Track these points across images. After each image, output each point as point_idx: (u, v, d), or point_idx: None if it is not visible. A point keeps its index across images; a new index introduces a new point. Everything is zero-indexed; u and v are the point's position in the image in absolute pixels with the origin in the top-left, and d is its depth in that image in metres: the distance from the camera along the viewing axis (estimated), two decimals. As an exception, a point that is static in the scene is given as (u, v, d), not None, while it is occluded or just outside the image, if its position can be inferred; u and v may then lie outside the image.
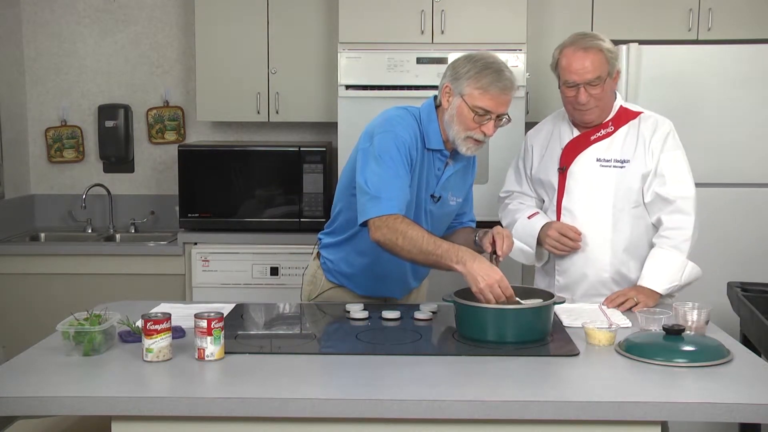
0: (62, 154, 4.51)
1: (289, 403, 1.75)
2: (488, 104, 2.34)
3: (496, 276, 2.17)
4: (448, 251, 2.23)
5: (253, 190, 4.01)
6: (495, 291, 2.17)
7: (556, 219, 2.67)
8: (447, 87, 2.40)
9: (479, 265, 2.19)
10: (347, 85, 3.80)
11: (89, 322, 2.03)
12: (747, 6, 3.97)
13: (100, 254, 4.00)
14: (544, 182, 2.72)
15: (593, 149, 2.63)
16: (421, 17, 3.80)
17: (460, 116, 2.36)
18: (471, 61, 2.37)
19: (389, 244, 2.27)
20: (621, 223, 2.61)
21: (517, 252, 2.74)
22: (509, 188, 2.87)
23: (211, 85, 4.12)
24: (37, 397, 1.77)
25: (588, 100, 2.54)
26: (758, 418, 1.75)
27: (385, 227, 2.26)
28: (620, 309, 2.47)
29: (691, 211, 2.56)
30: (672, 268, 2.53)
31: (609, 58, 2.54)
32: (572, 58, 2.54)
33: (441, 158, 2.48)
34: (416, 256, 2.27)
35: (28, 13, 4.45)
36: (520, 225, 2.73)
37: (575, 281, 2.66)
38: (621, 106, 2.65)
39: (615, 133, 2.62)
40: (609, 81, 2.56)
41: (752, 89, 3.60)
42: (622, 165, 2.59)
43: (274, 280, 3.89)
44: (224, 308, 2.42)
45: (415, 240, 2.24)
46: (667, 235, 2.55)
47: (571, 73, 2.54)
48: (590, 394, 1.78)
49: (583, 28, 4.01)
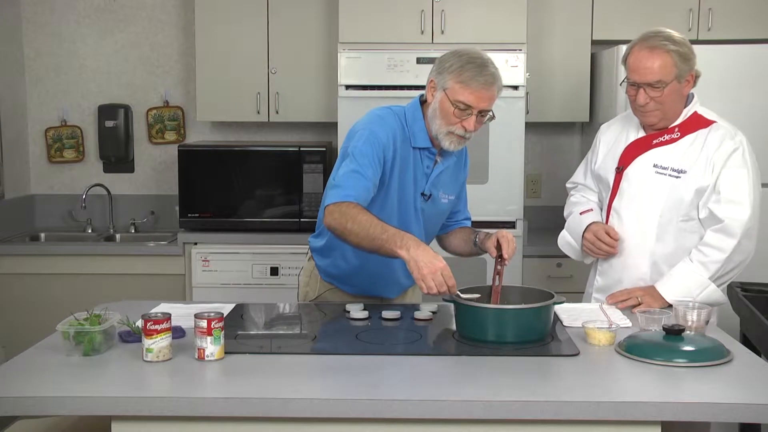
0: (62, 154, 4.51)
1: (289, 403, 1.75)
2: (468, 98, 2.32)
3: (440, 264, 2.13)
4: (394, 236, 2.19)
5: (253, 190, 4.01)
6: (437, 279, 2.12)
7: (605, 218, 2.62)
8: (432, 81, 2.40)
9: (423, 252, 2.15)
10: (347, 85, 3.80)
11: (89, 322, 2.02)
12: (747, 6, 3.98)
13: (100, 254, 4.00)
14: (603, 179, 2.66)
15: (653, 153, 2.53)
16: (421, 17, 3.80)
17: (442, 110, 2.36)
18: (456, 55, 2.37)
19: (339, 228, 2.25)
20: (666, 234, 2.52)
21: (565, 245, 2.74)
22: (576, 180, 2.83)
23: (211, 85, 4.12)
24: (37, 397, 1.77)
25: (647, 102, 2.44)
26: (758, 418, 1.75)
27: (337, 212, 2.26)
28: (621, 306, 2.46)
29: (738, 234, 2.41)
30: (691, 283, 2.44)
31: (677, 61, 2.42)
32: (638, 56, 2.44)
33: (429, 156, 2.48)
34: (362, 241, 2.23)
35: (28, 13, 4.45)
36: (572, 219, 2.71)
37: (611, 284, 2.61)
38: (695, 111, 2.53)
39: (680, 140, 2.50)
40: (675, 84, 2.43)
41: (752, 89, 3.60)
42: (678, 175, 2.48)
43: (274, 280, 3.89)
44: (224, 308, 2.42)
45: (363, 224, 2.21)
46: (702, 251, 2.45)
47: (633, 72, 2.45)
48: (590, 394, 1.78)
49: (583, 28, 4.03)
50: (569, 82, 4.09)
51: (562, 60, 4.09)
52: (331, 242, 2.54)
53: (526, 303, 2.18)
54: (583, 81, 4.08)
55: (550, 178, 4.45)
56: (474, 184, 3.79)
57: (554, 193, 4.34)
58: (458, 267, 3.82)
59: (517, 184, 3.81)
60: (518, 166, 3.81)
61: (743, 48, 3.65)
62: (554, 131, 4.46)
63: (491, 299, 2.28)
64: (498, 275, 2.33)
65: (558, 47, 4.07)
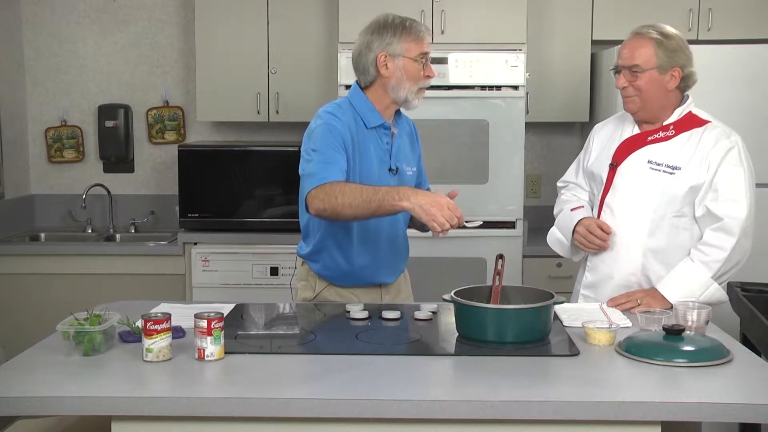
0: (62, 154, 4.51)
1: (289, 403, 1.75)
2: (424, 47, 2.52)
3: (443, 200, 2.24)
4: (389, 192, 2.28)
5: (253, 190, 4.01)
6: (446, 214, 2.21)
7: (597, 214, 2.63)
8: (382, 56, 2.50)
9: (423, 195, 2.25)
10: (347, 85, 3.79)
11: (89, 322, 2.02)
12: (747, 6, 3.98)
13: (100, 254, 4.00)
14: (596, 175, 2.67)
15: (647, 150, 2.55)
16: (421, 17, 3.79)
17: (409, 72, 2.50)
18: (386, 25, 2.51)
19: (329, 207, 2.30)
20: (658, 230, 2.53)
21: (555, 242, 2.76)
22: (567, 179, 2.86)
23: (211, 85, 4.12)
24: (37, 397, 1.77)
25: (625, 87, 2.51)
26: (758, 418, 1.75)
27: (321, 193, 2.32)
28: (620, 308, 2.46)
29: (737, 232, 2.43)
30: (694, 283, 2.45)
31: (658, 51, 2.47)
32: (625, 42, 2.55)
33: (385, 132, 2.57)
34: (358, 208, 2.29)
35: (28, 13, 4.45)
36: (562, 216, 2.72)
37: (602, 280, 2.62)
38: (690, 111, 2.55)
39: (675, 138, 2.53)
40: (654, 74, 2.48)
41: (752, 89, 3.60)
42: (672, 172, 2.50)
43: (274, 280, 3.89)
44: (224, 308, 2.42)
45: (353, 192, 2.29)
46: (702, 250, 2.47)
47: (618, 57, 2.55)
48: (590, 394, 1.78)
49: (583, 28, 4.03)
50: (569, 82, 4.10)
51: (562, 60, 4.09)
52: (318, 245, 2.59)
53: (526, 303, 2.17)
54: (583, 81, 4.08)
55: (550, 178, 4.44)
56: (474, 184, 3.82)
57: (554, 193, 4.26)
58: (458, 267, 3.85)
59: (517, 184, 3.82)
60: (518, 166, 3.82)
61: (743, 48, 3.65)
62: (554, 131, 4.46)
63: (491, 299, 2.28)
64: (498, 275, 2.33)
65: (558, 47, 4.07)
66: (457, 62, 3.77)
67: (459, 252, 3.82)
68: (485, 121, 3.80)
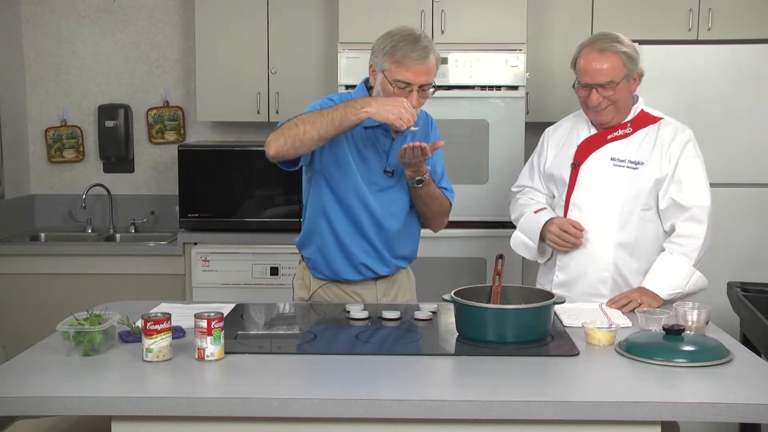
0: (62, 154, 4.51)
1: (289, 403, 1.75)
2: (406, 76, 2.35)
3: (401, 99, 2.26)
4: (347, 105, 2.28)
5: (253, 190, 4.01)
6: (408, 110, 2.24)
7: (563, 214, 2.66)
8: (371, 66, 2.44)
9: (381, 100, 2.27)
10: (347, 85, 3.79)
11: (89, 322, 2.03)
12: (747, 6, 3.98)
13: (100, 254, 4.00)
14: (556, 177, 2.70)
15: (609, 148, 2.61)
16: (421, 17, 3.80)
17: (385, 92, 2.39)
18: (389, 36, 2.41)
19: (290, 137, 2.31)
20: (628, 225, 2.58)
21: (520, 246, 2.75)
22: (521, 183, 2.86)
23: (211, 85, 4.12)
24: (37, 397, 1.77)
25: (600, 102, 2.54)
26: (758, 418, 1.75)
27: (278, 132, 2.35)
28: (624, 310, 2.46)
29: (705, 220, 2.53)
30: (678, 274, 2.52)
31: (626, 61, 2.52)
32: (588, 58, 2.55)
33: (384, 134, 2.51)
34: (321, 128, 2.28)
35: (28, 13, 4.45)
36: (525, 219, 2.73)
37: (574, 278, 2.65)
38: (642, 110, 2.63)
39: (633, 135, 2.60)
40: (625, 84, 2.53)
41: (752, 89, 3.60)
42: (636, 167, 2.57)
43: (274, 280, 3.89)
44: (224, 308, 2.42)
45: (312, 117, 2.30)
46: (678, 242, 2.54)
47: (584, 75, 2.55)
48: (590, 394, 1.78)
49: (583, 28, 4.02)
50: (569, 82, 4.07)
51: (562, 60, 4.07)
52: (309, 227, 2.58)
53: (526, 303, 2.18)
54: (583, 81, 4.07)
55: (550, 178, 4.44)
56: (474, 184, 3.82)
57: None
58: (458, 267, 3.85)
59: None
60: (518, 166, 3.80)
61: (743, 48, 3.65)
62: (554, 131, 4.45)
63: (491, 299, 2.28)
64: (498, 275, 2.33)
65: (558, 47, 4.07)
66: (457, 62, 3.77)
67: (459, 252, 3.83)
68: (485, 121, 3.81)
